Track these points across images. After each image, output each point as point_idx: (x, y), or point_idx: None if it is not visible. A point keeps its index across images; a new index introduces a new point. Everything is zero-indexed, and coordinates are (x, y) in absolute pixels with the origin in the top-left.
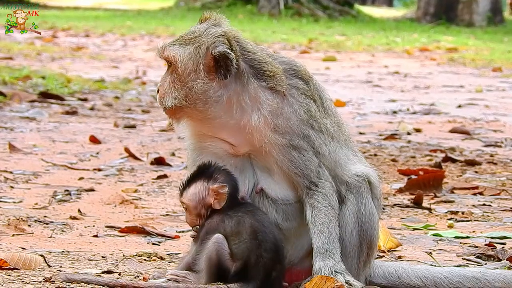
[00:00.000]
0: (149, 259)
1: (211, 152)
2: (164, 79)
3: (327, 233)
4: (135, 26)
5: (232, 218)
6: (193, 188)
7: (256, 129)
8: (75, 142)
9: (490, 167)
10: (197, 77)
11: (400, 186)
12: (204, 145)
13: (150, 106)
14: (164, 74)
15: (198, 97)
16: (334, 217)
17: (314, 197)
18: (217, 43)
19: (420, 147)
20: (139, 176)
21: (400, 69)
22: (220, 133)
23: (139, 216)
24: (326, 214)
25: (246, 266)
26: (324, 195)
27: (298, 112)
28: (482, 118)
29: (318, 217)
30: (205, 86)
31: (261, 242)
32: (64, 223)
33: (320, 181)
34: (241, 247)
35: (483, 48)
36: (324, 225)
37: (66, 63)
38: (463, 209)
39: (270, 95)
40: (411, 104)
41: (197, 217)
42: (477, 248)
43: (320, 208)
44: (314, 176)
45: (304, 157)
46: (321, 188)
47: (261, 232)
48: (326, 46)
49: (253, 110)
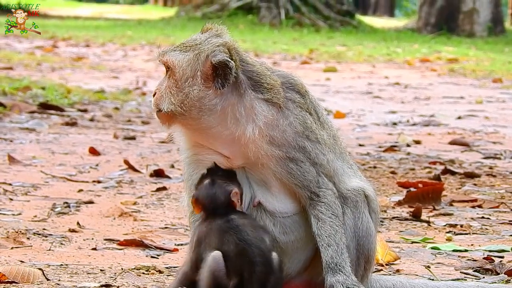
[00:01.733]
0: (147, 273)
1: (207, 166)
2: (161, 83)
3: (334, 246)
4: (135, 36)
5: (218, 234)
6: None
7: (251, 141)
8: (74, 153)
9: (489, 179)
10: (193, 83)
11: (399, 199)
12: (199, 158)
13: (150, 117)
14: (162, 79)
15: (194, 104)
16: (339, 226)
17: (317, 208)
18: (217, 52)
19: (420, 159)
20: (138, 188)
21: (401, 80)
22: (214, 144)
23: (138, 228)
24: (331, 225)
25: (241, 281)
26: (327, 205)
27: (294, 124)
28: (481, 129)
29: (324, 229)
30: (201, 93)
31: (251, 259)
32: (63, 236)
33: (321, 191)
34: (233, 265)
35: (483, 59)
36: (331, 238)
37: (66, 74)
38: (461, 222)
39: (266, 107)
40: (411, 115)
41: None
42: (475, 262)
43: (325, 219)
44: (314, 186)
45: (302, 168)
46: (323, 197)
47: (248, 249)
48: (326, 56)
49: (247, 121)
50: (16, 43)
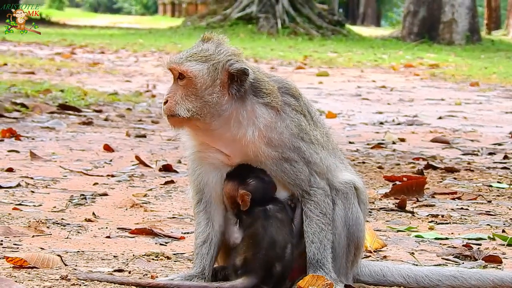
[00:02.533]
0: (156, 259)
1: (209, 163)
2: (173, 90)
3: (317, 243)
4: (146, 44)
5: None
6: (230, 185)
7: (251, 142)
8: (90, 150)
9: (468, 174)
10: (213, 91)
11: (385, 191)
12: (203, 155)
13: (159, 117)
14: (173, 86)
15: (210, 110)
16: (325, 224)
17: (307, 205)
18: (232, 61)
19: (404, 155)
20: (149, 182)
21: (387, 84)
22: (217, 143)
23: (148, 218)
24: (317, 223)
25: (246, 261)
26: (316, 203)
27: (290, 126)
28: (460, 128)
29: (310, 226)
30: (218, 100)
31: (258, 243)
32: (79, 225)
33: (312, 189)
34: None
35: (462, 65)
36: (315, 235)
37: (83, 78)
38: (442, 213)
39: (265, 111)
40: (396, 115)
41: (232, 205)
42: (455, 249)
43: (312, 217)
44: (305, 185)
45: (295, 168)
46: (313, 196)
47: (260, 236)
48: (319, 62)
49: (249, 124)
50: (38, 50)
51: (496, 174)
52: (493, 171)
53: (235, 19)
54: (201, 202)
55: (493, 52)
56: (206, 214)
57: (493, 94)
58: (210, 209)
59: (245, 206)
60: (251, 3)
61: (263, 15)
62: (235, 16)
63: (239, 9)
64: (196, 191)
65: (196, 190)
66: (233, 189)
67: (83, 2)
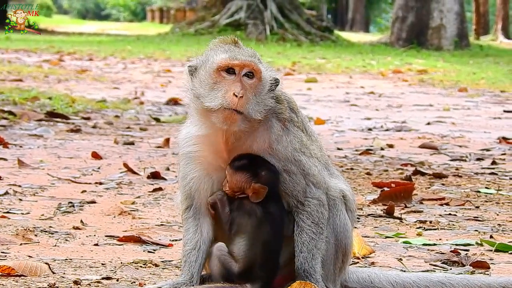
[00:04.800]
0: (145, 266)
1: (203, 168)
2: (242, 87)
3: (305, 253)
4: (134, 50)
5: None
6: (239, 175)
7: (260, 150)
8: (78, 157)
9: (456, 179)
10: (269, 96)
11: (373, 198)
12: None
13: (147, 124)
14: (239, 83)
15: (263, 115)
16: (316, 233)
17: (299, 215)
18: (273, 70)
19: (392, 161)
20: (137, 189)
21: (375, 90)
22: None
23: (136, 226)
24: (308, 233)
25: (251, 267)
26: (309, 214)
27: (293, 141)
28: (449, 134)
29: (300, 236)
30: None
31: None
32: (67, 233)
33: (307, 200)
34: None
35: (450, 70)
36: (304, 245)
37: (71, 85)
38: (431, 219)
39: (276, 124)
40: (385, 121)
41: (235, 193)
42: (443, 255)
43: (303, 226)
44: (301, 196)
45: (293, 180)
46: (307, 206)
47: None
48: (308, 68)
49: (263, 134)
50: (26, 57)
51: (484, 179)
52: (481, 176)
53: (224, 26)
54: (190, 208)
55: (481, 58)
56: (195, 220)
57: (482, 99)
58: (199, 215)
59: (257, 199)
60: (239, 9)
61: (251, 21)
62: (223, 22)
63: (228, 16)
64: (186, 197)
65: (186, 196)
66: (244, 181)
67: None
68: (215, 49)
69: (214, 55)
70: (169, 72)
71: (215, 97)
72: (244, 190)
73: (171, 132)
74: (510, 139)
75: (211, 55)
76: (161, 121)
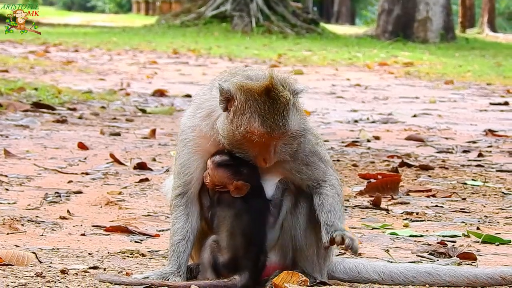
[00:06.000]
0: (131, 256)
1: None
2: (272, 151)
3: (333, 212)
4: (120, 42)
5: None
6: (221, 171)
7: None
8: (64, 148)
9: (442, 171)
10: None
11: (360, 189)
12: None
13: (133, 115)
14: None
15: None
16: (340, 202)
17: (322, 187)
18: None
19: (379, 153)
20: (123, 180)
21: (361, 82)
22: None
23: (123, 216)
24: (334, 198)
25: (235, 258)
26: (332, 185)
27: (310, 139)
28: (435, 126)
29: (326, 200)
30: None
31: (250, 239)
32: (54, 223)
33: (327, 177)
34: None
35: (436, 63)
36: (332, 206)
37: (57, 76)
38: (417, 210)
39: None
40: (371, 113)
41: (215, 186)
42: (430, 246)
43: (328, 193)
44: (321, 177)
45: (314, 167)
46: (328, 181)
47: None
48: (294, 60)
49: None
50: (11, 48)
51: (470, 171)
52: (467, 168)
53: (209, 18)
54: (184, 196)
55: (467, 50)
56: (186, 209)
57: (468, 92)
58: (191, 204)
59: (239, 194)
60: (225, 1)
61: (237, 14)
62: (209, 14)
63: (213, 7)
64: (182, 184)
65: (183, 183)
66: (226, 178)
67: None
68: (250, 104)
69: (250, 115)
70: (155, 63)
71: (246, 154)
72: (225, 185)
73: (157, 123)
74: (496, 131)
75: (246, 110)
76: (147, 112)
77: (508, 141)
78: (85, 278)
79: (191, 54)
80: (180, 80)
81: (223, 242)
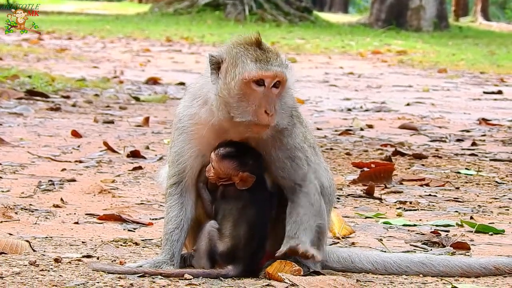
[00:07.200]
0: (125, 244)
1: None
2: (272, 100)
3: (298, 223)
4: (113, 30)
5: (238, 204)
6: (226, 163)
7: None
8: (58, 136)
9: (436, 160)
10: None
11: (353, 178)
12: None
13: (127, 103)
14: (267, 95)
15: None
16: (312, 213)
17: (295, 194)
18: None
19: (372, 142)
20: (117, 168)
21: (354, 70)
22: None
23: (116, 204)
24: (303, 207)
25: (234, 248)
26: (306, 193)
27: (298, 133)
28: (428, 115)
29: (295, 210)
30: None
31: (252, 232)
32: (47, 211)
33: (304, 183)
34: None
35: (430, 51)
36: (299, 216)
37: (50, 64)
38: (411, 199)
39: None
40: (364, 102)
41: (219, 179)
42: (424, 235)
43: (299, 203)
44: (299, 179)
45: (297, 164)
46: (304, 187)
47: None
48: (287, 48)
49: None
50: (5, 36)
51: (464, 160)
52: (461, 157)
53: (202, 6)
54: (179, 184)
55: (461, 39)
56: (181, 198)
57: (461, 80)
58: (186, 193)
59: (244, 186)
60: None
61: (230, 2)
62: (202, 2)
63: None
64: (177, 173)
65: (178, 172)
66: (232, 169)
67: None
68: (240, 51)
69: (242, 62)
70: (148, 51)
71: (245, 112)
72: (230, 177)
73: (150, 111)
74: (490, 120)
75: (237, 58)
76: (140, 100)
77: (502, 130)
78: (78, 267)
79: (184, 42)
80: (173, 68)
81: (226, 230)
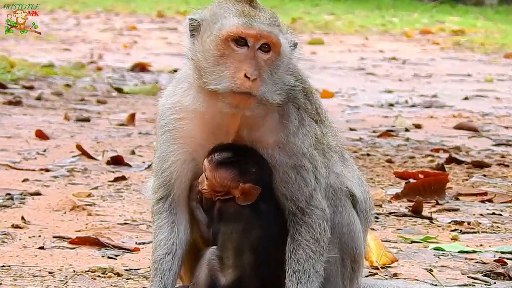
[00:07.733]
0: (104, 276)
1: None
2: (257, 64)
3: (300, 273)
4: (90, 2)
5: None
6: (223, 173)
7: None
8: (18, 137)
9: (501, 169)
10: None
11: (396, 192)
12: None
13: (106, 95)
14: (253, 58)
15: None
16: (315, 252)
17: (296, 227)
18: (293, 33)
19: (420, 146)
20: (93, 178)
21: (398, 55)
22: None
23: (93, 224)
24: (305, 249)
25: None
26: (309, 226)
27: (308, 135)
28: (492, 112)
29: (295, 252)
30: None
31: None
32: (4, 233)
33: (310, 207)
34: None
35: (493, 31)
36: (299, 263)
37: (9, 45)
38: (469, 219)
39: (295, 113)
40: (410, 95)
41: (215, 193)
42: (485, 265)
43: (300, 241)
44: (303, 202)
45: (303, 178)
46: (308, 216)
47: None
48: (312, 27)
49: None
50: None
51: None
52: None
53: None
54: (167, 199)
55: None
56: (171, 216)
57: None
58: (177, 210)
59: (247, 201)
60: None
61: None
62: None
63: None
64: (162, 184)
65: (163, 183)
66: (230, 180)
67: None
68: (224, 7)
69: (223, 17)
70: (134, 29)
71: (221, 77)
72: (229, 190)
73: (137, 105)
74: None
75: (219, 14)
76: (124, 92)
77: None
78: None
79: (180, 18)
80: (166, 51)
81: (227, 259)
